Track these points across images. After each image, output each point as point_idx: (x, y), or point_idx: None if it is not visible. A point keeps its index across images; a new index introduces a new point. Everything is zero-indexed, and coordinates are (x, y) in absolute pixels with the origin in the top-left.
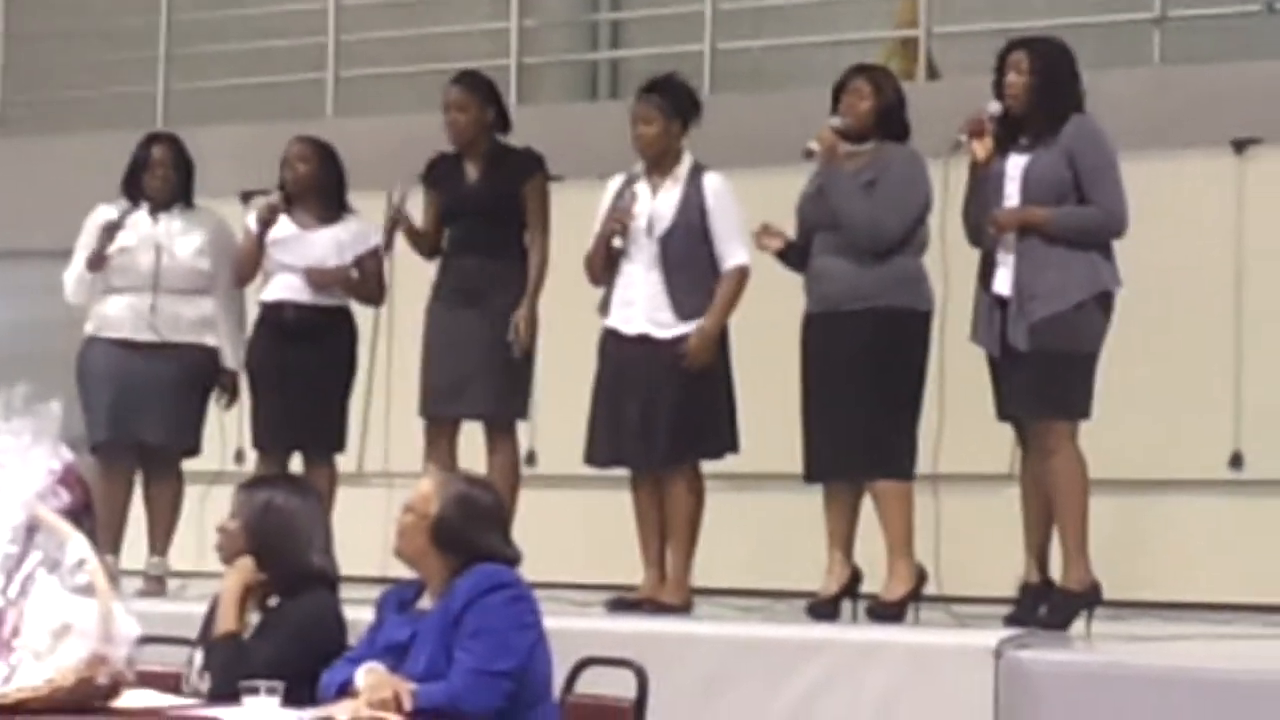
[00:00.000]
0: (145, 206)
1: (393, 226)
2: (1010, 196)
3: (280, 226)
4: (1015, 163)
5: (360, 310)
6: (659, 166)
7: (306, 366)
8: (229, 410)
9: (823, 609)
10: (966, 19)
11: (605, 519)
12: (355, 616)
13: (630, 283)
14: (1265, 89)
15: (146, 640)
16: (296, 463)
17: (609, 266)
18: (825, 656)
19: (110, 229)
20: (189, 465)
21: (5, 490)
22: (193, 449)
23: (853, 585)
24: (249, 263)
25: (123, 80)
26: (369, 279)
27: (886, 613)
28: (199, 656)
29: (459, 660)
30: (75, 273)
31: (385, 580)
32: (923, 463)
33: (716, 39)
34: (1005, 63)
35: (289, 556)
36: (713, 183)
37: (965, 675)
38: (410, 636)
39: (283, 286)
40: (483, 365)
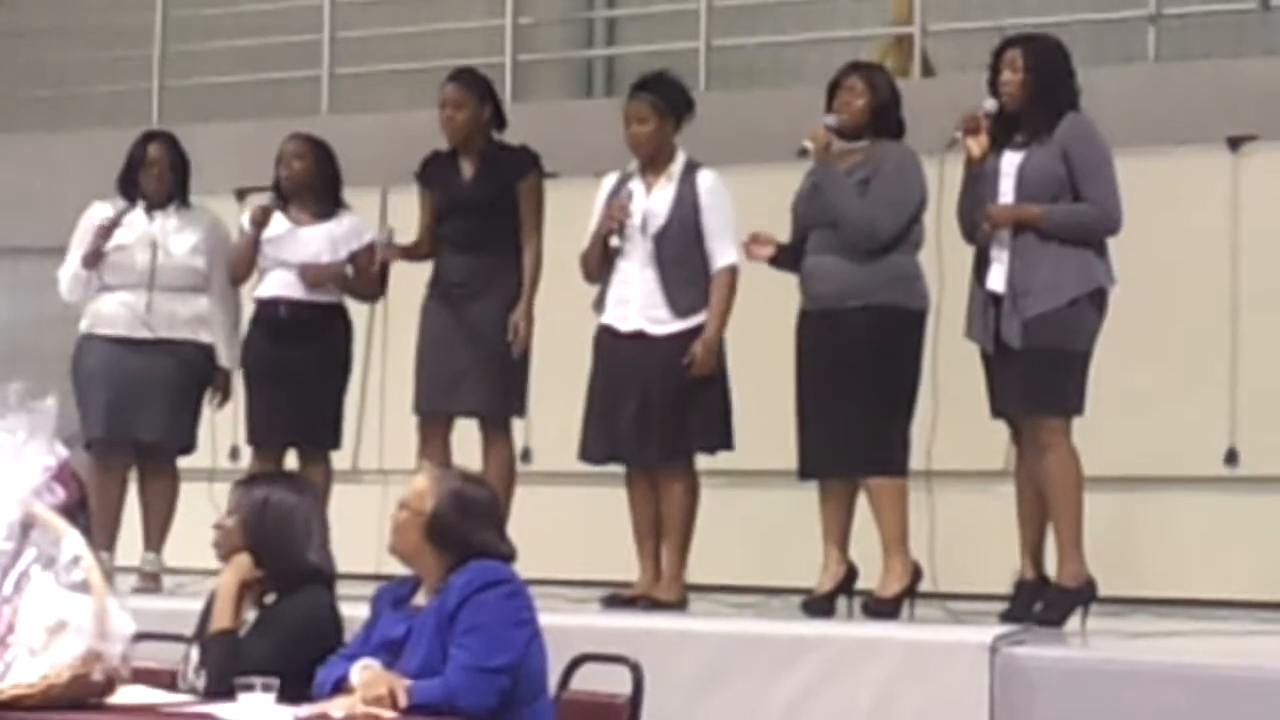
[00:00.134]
0: (141, 205)
1: (385, 269)
2: (1005, 193)
3: (275, 223)
4: (1010, 160)
5: (355, 307)
6: (653, 164)
7: (301, 363)
8: (221, 409)
9: (818, 606)
10: (961, 16)
11: (600, 516)
12: (350, 613)
13: (625, 280)
14: (1260, 86)
15: (141, 637)
16: (291, 460)
17: (605, 264)
18: (821, 653)
19: (107, 228)
20: (183, 462)
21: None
22: (188, 446)
23: (848, 582)
24: (243, 262)
25: (118, 77)
26: (364, 275)
27: (882, 609)
28: (195, 653)
29: (454, 657)
30: (71, 270)
31: (380, 577)
32: (917, 459)
33: (711, 36)
34: (1000, 60)
35: (286, 553)
36: (706, 180)
37: (961, 672)
38: (405, 633)
39: (278, 283)
40: (477, 362)
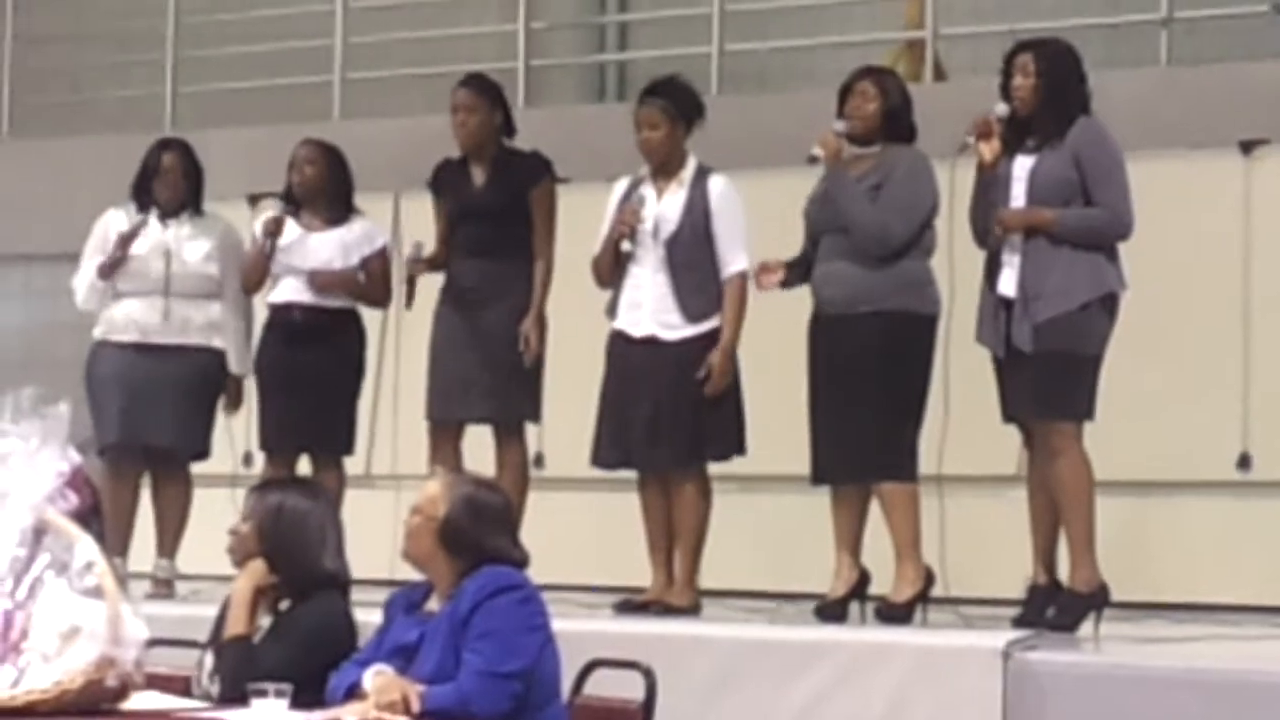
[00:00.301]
0: (155, 212)
1: (412, 281)
2: (1017, 198)
3: (287, 229)
4: (1022, 164)
5: (368, 312)
6: (664, 170)
7: (315, 369)
8: (233, 415)
9: (831, 611)
10: (973, 21)
11: (613, 521)
12: (363, 619)
13: (637, 285)
14: (1272, 90)
15: (155, 643)
16: (305, 465)
17: (616, 269)
18: (833, 658)
19: (126, 240)
20: (197, 468)
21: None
22: (201, 452)
23: (861, 587)
24: (256, 271)
25: (131, 83)
26: (375, 281)
27: (894, 614)
28: (209, 659)
29: (467, 662)
30: (87, 280)
31: (393, 582)
32: (929, 464)
33: (723, 41)
34: (1012, 64)
35: (300, 559)
36: (717, 185)
37: (973, 677)
38: (418, 638)
39: (291, 289)
40: (490, 368)
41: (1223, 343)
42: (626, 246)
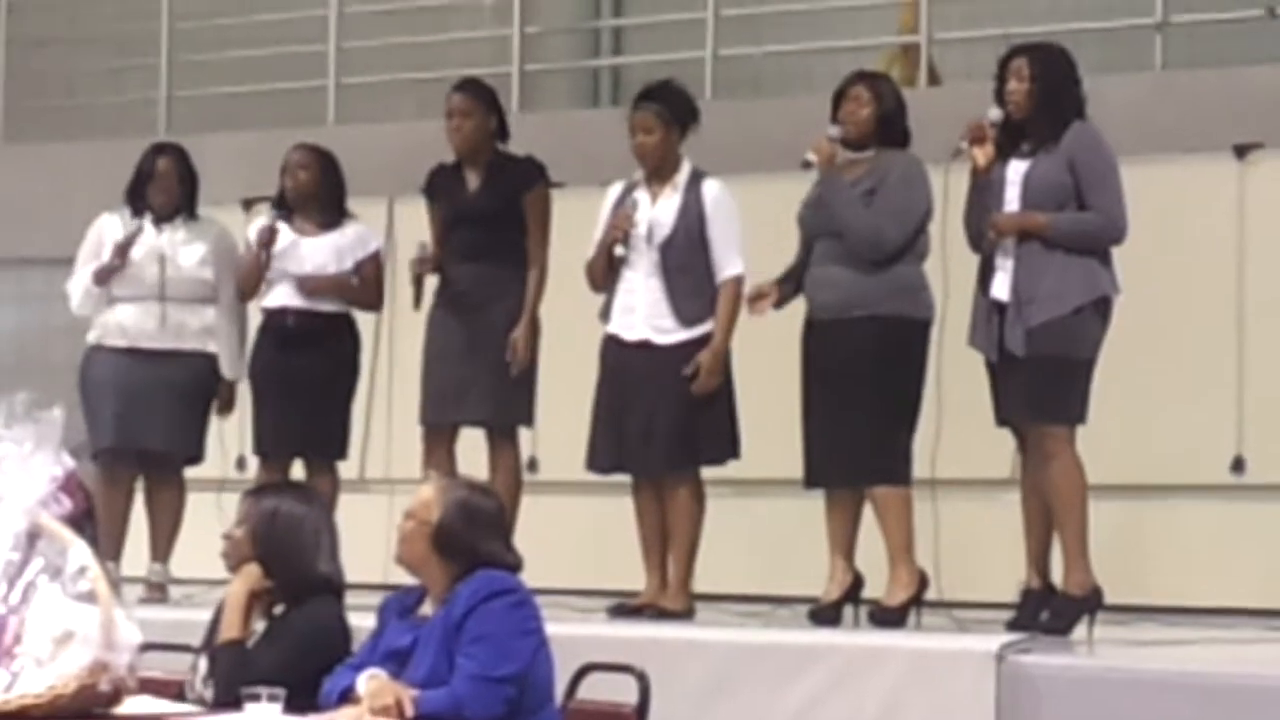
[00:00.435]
0: (149, 217)
1: (419, 282)
2: (1011, 202)
3: (281, 235)
4: (1016, 168)
5: (362, 317)
6: (658, 174)
7: (309, 373)
8: (224, 420)
9: (824, 614)
10: (968, 25)
11: (607, 525)
12: (357, 623)
13: (631, 289)
14: (1266, 94)
15: (148, 647)
16: (298, 470)
17: (610, 274)
18: (827, 662)
19: (123, 249)
20: (190, 472)
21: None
22: (195, 456)
23: (854, 591)
24: (250, 279)
25: (125, 88)
26: (368, 284)
27: (888, 618)
28: (203, 664)
29: (461, 666)
30: (82, 285)
31: (387, 587)
32: (922, 468)
33: (718, 45)
34: (1006, 69)
35: (295, 564)
36: (711, 190)
37: (967, 680)
38: (412, 643)
39: (284, 294)
40: (484, 372)
41: (1217, 346)
42: (620, 251)
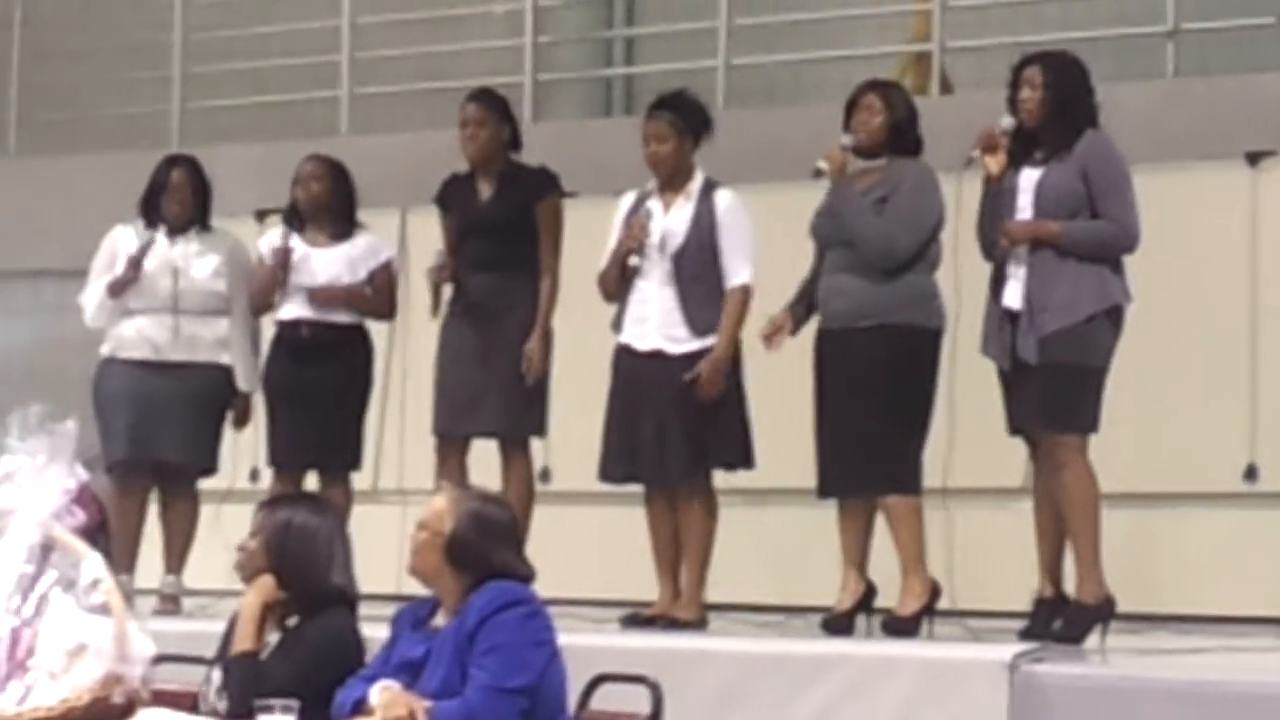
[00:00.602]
0: (163, 229)
1: (438, 289)
2: (1023, 210)
3: (294, 246)
4: (1028, 176)
5: (375, 327)
6: (671, 183)
7: (322, 384)
8: (239, 432)
9: (837, 624)
10: (980, 34)
11: (619, 535)
12: (370, 634)
13: (644, 299)
14: (1279, 102)
15: (162, 659)
16: (312, 481)
17: (623, 283)
18: (840, 672)
19: (136, 261)
20: (203, 484)
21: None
22: (209, 468)
23: (867, 600)
24: (264, 294)
25: (138, 99)
26: (381, 294)
27: (901, 627)
28: (217, 675)
29: (473, 677)
30: (96, 297)
31: (400, 598)
32: (935, 477)
33: (730, 55)
34: (1019, 77)
35: (309, 575)
36: (724, 199)
37: (980, 689)
38: (425, 654)
39: (298, 306)
40: (497, 382)
41: (1229, 354)
42: (634, 261)
